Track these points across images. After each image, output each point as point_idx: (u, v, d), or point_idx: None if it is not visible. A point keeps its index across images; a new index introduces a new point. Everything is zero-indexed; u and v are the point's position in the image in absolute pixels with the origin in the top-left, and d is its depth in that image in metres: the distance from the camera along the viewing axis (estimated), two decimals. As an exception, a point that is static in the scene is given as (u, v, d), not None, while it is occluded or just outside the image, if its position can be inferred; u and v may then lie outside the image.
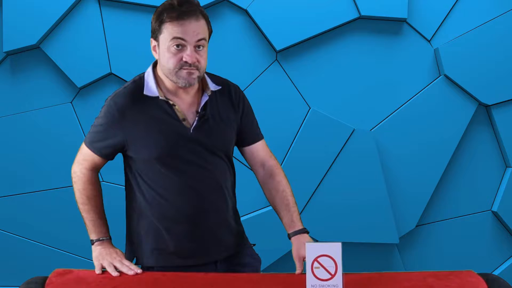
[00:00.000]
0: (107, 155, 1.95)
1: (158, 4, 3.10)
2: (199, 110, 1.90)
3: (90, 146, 1.94)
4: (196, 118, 1.89)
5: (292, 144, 3.21)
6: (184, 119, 1.88)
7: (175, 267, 1.93)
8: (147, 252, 1.97)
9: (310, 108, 3.21)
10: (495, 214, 3.32)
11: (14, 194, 3.23)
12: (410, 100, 3.24)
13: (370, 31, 3.23)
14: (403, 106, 3.24)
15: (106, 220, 1.99)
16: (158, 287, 1.74)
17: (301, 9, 3.18)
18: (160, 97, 1.87)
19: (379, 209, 3.20)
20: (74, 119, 3.21)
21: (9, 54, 3.18)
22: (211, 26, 1.90)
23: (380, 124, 3.25)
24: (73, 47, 3.16)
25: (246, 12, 3.18)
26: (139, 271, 1.86)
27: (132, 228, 2.01)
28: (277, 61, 3.22)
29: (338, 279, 1.67)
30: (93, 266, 1.90)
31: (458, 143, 3.26)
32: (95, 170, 1.98)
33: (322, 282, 1.65)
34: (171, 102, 1.87)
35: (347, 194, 3.21)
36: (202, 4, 3.10)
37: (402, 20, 3.22)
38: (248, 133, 2.03)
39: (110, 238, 1.99)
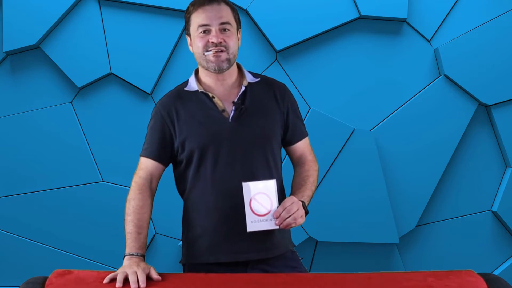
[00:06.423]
0: (159, 157, 1.97)
1: (158, 4, 3.16)
2: (235, 101, 1.95)
3: (144, 152, 1.99)
4: (233, 108, 1.95)
5: (292, 144, 3.21)
6: (223, 110, 1.96)
7: (206, 264, 1.96)
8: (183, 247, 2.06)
9: (310, 108, 3.21)
10: (495, 214, 3.32)
11: (14, 194, 3.23)
12: (410, 100, 3.24)
13: (370, 31, 3.23)
14: (403, 106, 3.24)
15: (145, 236, 1.89)
16: (157, 287, 1.74)
17: (301, 9, 3.18)
18: (200, 90, 1.96)
19: (379, 209, 3.20)
20: (74, 119, 3.21)
21: (9, 54, 3.18)
22: (238, 15, 1.99)
23: (380, 124, 3.24)
24: (73, 47, 3.16)
25: (246, 12, 3.18)
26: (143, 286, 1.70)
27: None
28: (277, 61, 3.22)
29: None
30: (93, 267, 1.90)
31: (458, 143, 3.26)
32: (148, 180, 1.96)
33: (261, 217, 1.81)
34: (210, 95, 1.95)
35: (347, 194, 3.21)
36: (202, 4, 3.16)
37: (402, 20, 3.22)
38: (293, 131, 2.05)
39: (143, 256, 1.85)
